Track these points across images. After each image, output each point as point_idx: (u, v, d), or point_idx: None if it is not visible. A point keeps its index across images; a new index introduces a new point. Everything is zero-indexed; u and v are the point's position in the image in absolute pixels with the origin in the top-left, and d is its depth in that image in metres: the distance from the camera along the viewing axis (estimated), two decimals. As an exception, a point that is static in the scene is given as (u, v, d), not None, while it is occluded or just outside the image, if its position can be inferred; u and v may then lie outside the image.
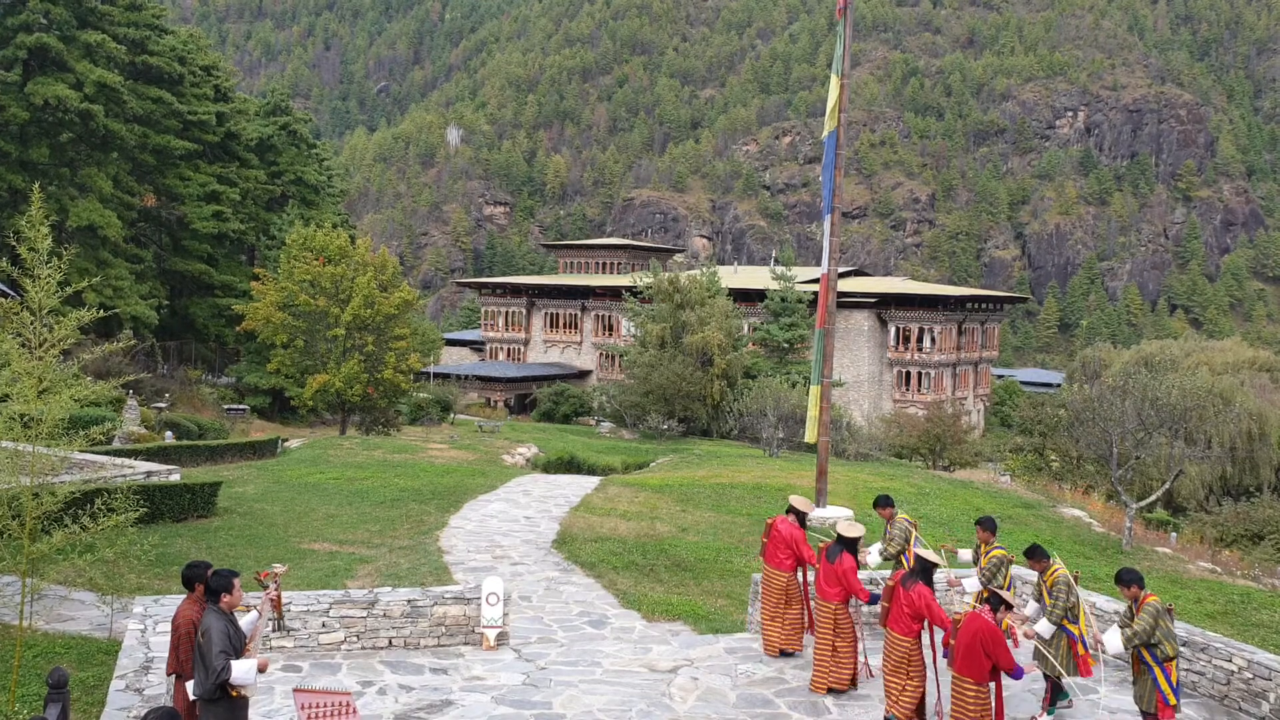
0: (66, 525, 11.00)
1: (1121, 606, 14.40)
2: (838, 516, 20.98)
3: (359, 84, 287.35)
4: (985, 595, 9.96)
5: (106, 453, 25.41)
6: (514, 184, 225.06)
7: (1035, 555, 11.52)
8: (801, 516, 13.01)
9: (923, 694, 10.69)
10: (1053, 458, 48.10)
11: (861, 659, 12.09)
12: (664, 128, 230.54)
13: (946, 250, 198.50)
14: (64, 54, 50.35)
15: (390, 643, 12.92)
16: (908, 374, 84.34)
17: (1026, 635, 11.03)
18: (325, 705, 8.63)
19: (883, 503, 13.51)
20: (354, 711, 8.71)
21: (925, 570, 10.67)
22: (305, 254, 45.10)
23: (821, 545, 12.49)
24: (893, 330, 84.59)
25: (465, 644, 13.13)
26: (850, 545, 11.94)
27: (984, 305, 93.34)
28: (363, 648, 12.80)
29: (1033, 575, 13.46)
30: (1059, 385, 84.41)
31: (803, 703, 11.54)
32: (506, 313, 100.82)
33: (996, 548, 12.51)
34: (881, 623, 11.09)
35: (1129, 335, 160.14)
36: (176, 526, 19.49)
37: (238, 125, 62.84)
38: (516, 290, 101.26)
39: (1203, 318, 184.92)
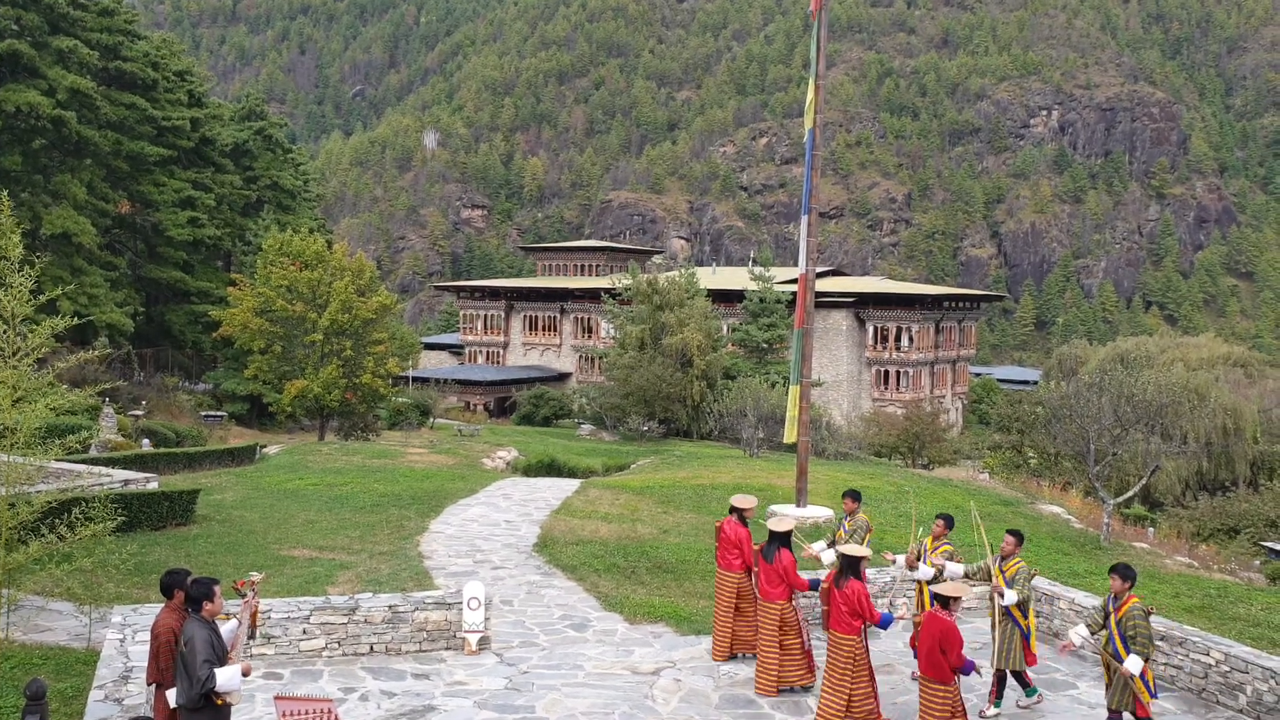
0: (43, 535, 10.92)
1: (1097, 601, 14.46)
2: (819, 516, 21.03)
3: (334, 88, 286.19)
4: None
5: (83, 461, 25.21)
6: (491, 187, 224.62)
7: (853, 496, 13.04)
8: (743, 515, 12.86)
9: (874, 699, 10.53)
10: (1031, 455, 48.38)
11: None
12: (641, 130, 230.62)
13: (923, 249, 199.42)
14: (35, 60, 49.86)
15: (372, 649, 12.88)
16: (886, 373, 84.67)
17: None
18: (307, 712, 8.59)
19: (852, 495, 13.88)
20: (336, 718, 8.68)
21: (853, 565, 10.64)
22: (282, 259, 44.82)
23: (757, 546, 12.40)
24: (871, 329, 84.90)
25: (447, 649, 13.11)
26: (784, 540, 11.85)
27: (961, 304, 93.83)
28: (344, 654, 12.75)
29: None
30: (1036, 382, 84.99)
31: (785, 703, 11.56)
32: (485, 316, 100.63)
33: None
34: (825, 626, 10.96)
35: (1105, 332, 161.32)
36: (155, 535, 19.33)
37: (212, 130, 62.37)
38: (495, 293, 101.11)
39: (1177, 314, 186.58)
